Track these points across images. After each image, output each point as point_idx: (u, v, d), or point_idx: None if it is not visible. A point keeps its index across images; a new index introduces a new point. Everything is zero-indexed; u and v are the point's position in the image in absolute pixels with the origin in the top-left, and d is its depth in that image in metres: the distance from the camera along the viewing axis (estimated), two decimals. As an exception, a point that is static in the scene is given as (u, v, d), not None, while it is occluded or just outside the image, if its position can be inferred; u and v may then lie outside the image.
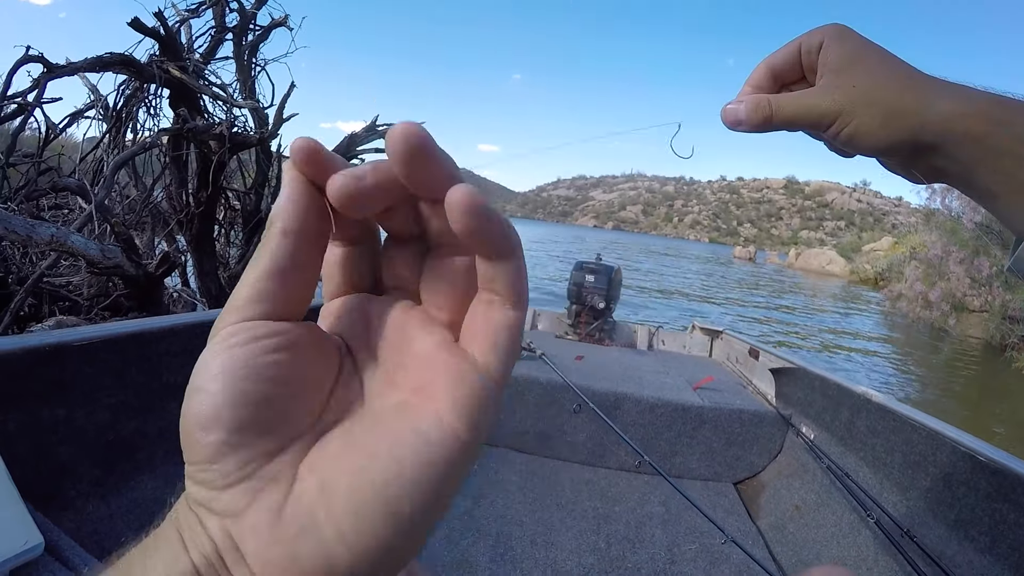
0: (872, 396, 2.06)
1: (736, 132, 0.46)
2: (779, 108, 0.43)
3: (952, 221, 14.91)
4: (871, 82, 0.40)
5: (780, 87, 0.47)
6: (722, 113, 0.46)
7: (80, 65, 3.25)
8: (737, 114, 0.45)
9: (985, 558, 1.41)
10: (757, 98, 0.44)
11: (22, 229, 2.39)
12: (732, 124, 0.46)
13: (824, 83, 0.42)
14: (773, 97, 0.44)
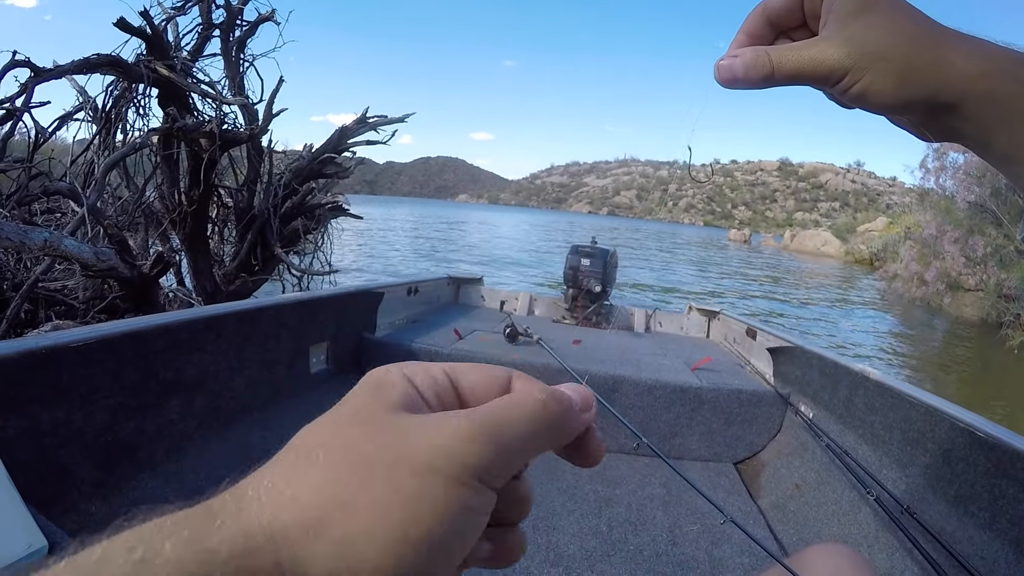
0: (870, 373, 2.06)
1: (733, 90, 0.41)
2: (780, 62, 0.38)
3: (946, 200, 14.90)
4: (884, 34, 0.36)
5: (778, 35, 0.43)
6: (716, 70, 0.41)
7: (67, 68, 3.23)
8: (733, 70, 0.40)
9: (985, 533, 1.42)
10: (755, 51, 0.39)
11: (15, 235, 2.38)
12: (728, 82, 0.40)
13: (830, 33, 0.38)
14: (773, 49, 0.39)
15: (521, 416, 0.24)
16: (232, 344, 1.90)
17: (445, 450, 0.22)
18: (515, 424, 0.24)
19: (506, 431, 0.23)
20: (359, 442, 0.23)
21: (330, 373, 2.53)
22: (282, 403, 2.18)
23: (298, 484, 0.22)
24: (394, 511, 0.21)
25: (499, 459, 0.23)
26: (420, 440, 0.22)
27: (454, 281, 4.19)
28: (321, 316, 2.45)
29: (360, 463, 0.22)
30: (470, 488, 0.22)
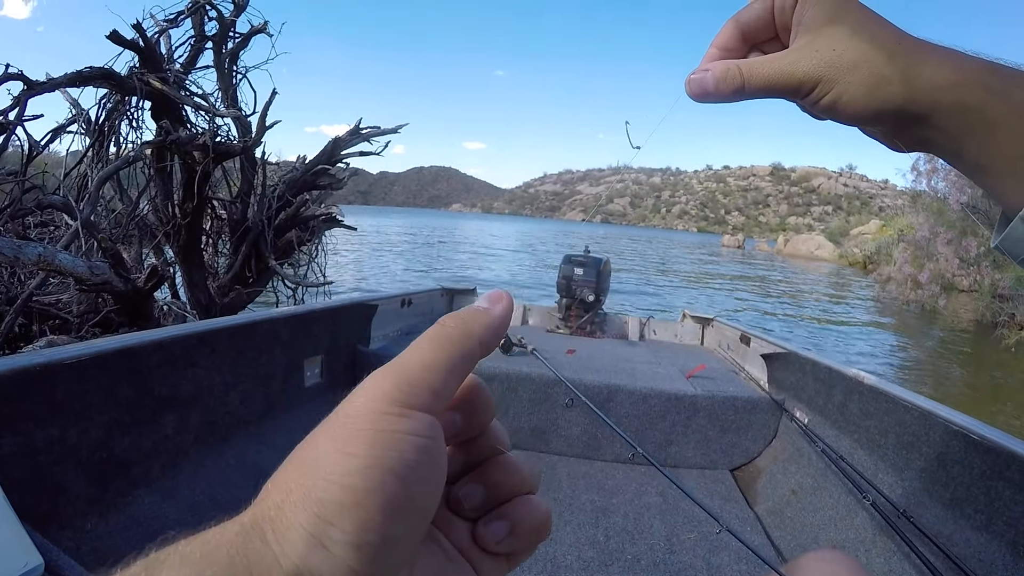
0: (864, 378, 2.07)
1: (704, 104, 0.42)
2: (751, 75, 0.39)
3: (938, 202, 14.93)
4: (853, 45, 0.36)
5: (750, 48, 0.43)
6: (687, 84, 0.41)
7: (60, 81, 3.23)
8: (704, 84, 0.40)
9: (982, 536, 1.42)
10: (725, 65, 0.40)
11: (9, 250, 2.38)
12: (699, 96, 0.41)
13: (800, 45, 0.38)
14: (744, 63, 0.39)
15: (418, 341, 0.27)
16: (226, 359, 1.90)
17: (364, 393, 0.25)
18: (414, 347, 0.27)
19: (408, 359, 0.26)
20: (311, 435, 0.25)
21: (325, 386, 2.52)
22: (277, 417, 2.18)
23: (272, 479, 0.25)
24: (345, 459, 0.23)
25: (409, 379, 0.25)
26: (346, 402, 0.25)
27: (447, 292, 4.19)
28: (315, 329, 2.45)
29: (307, 445, 0.25)
30: (393, 415, 0.24)
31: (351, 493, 0.22)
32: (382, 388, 0.25)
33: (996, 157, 0.36)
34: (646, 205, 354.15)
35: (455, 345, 0.27)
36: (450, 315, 0.28)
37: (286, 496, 0.23)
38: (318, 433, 0.25)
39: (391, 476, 0.23)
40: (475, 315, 0.29)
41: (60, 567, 0.85)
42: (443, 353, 0.26)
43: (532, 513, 0.30)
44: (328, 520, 0.22)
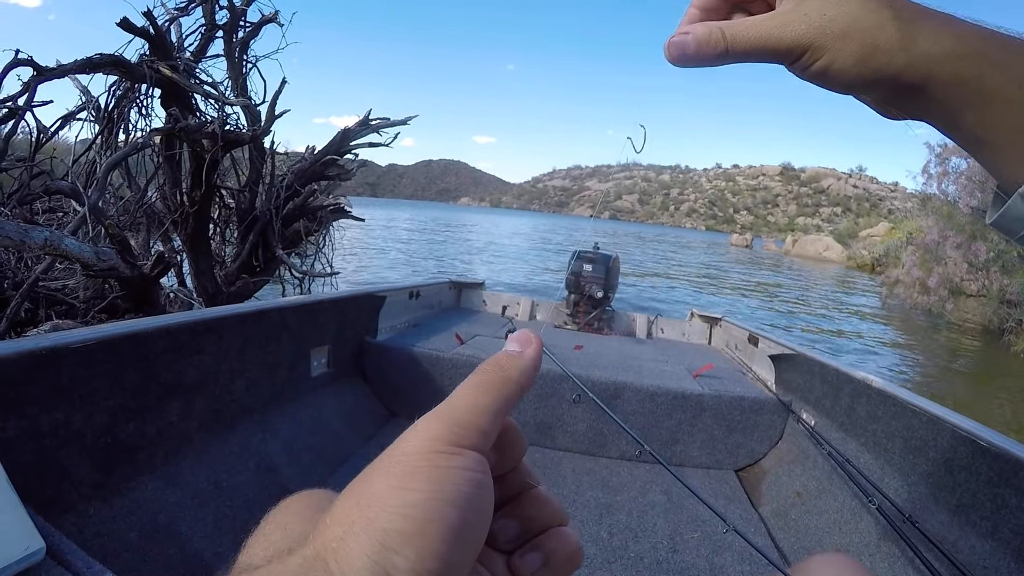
0: (872, 381, 2.06)
1: (684, 68, 0.39)
2: (735, 39, 0.37)
3: (948, 206, 14.84)
4: (844, 11, 0.34)
5: (732, 7, 0.41)
6: (667, 48, 0.39)
7: (70, 67, 3.23)
8: (684, 47, 0.38)
9: (987, 543, 1.41)
10: (707, 28, 0.37)
11: (16, 234, 2.38)
12: (678, 60, 0.38)
13: (788, 8, 0.36)
14: (727, 25, 0.37)
15: (464, 385, 0.30)
16: (233, 346, 1.90)
17: (416, 435, 0.27)
18: (462, 392, 0.29)
19: (456, 403, 0.29)
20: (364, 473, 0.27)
21: (331, 376, 2.52)
22: (283, 406, 2.18)
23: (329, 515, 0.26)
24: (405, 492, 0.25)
25: (458, 420, 0.28)
26: (400, 441, 0.27)
27: (456, 285, 4.19)
28: (322, 319, 2.45)
29: (364, 481, 0.26)
30: (447, 454, 0.26)
31: (413, 523, 0.24)
32: (435, 429, 0.27)
33: (994, 130, 0.34)
34: (655, 202, 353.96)
35: (498, 390, 0.29)
36: (489, 362, 0.31)
37: (348, 528, 0.24)
38: (372, 472, 0.26)
39: (450, 507, 0.25)
40: (512, 361, 0.31)
41: (62, 551, 0.85)
42: (487, 397, 0.29)
43: (565, 544, 0.32)
44: (392, 548, 0.23)
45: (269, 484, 1.85)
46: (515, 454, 0.33)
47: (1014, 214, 0.35)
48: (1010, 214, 0.36)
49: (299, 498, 0.75)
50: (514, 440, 0.33)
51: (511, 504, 0.32)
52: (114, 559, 1.29)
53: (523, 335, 0.33)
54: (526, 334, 0.33)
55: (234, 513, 1.66)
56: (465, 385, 0.30)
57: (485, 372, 0.30)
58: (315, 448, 2.18)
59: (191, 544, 1.48)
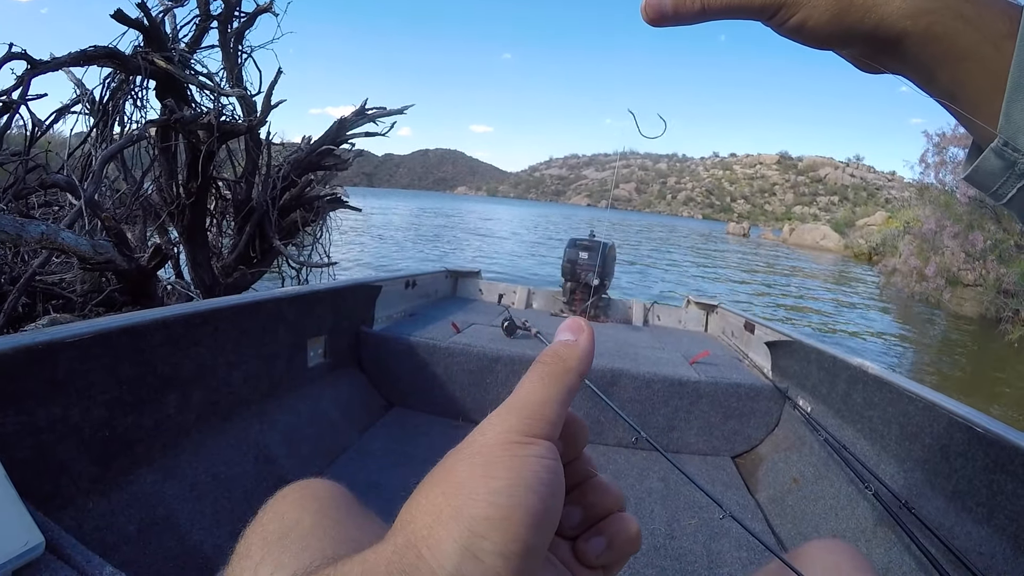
0: (868, 368, 2.06)
1: (661, 28, 0.39)
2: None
3: (946, 195, 14.83)
4: None
5: None
6: (643, 9, 0.38)
7: (64, 60, 3.22)
8: (662, 8, 0.37)
9: (983, 529, 1.42)
10: None
11: (12, 228, 2.37)
12: (657, 19, 0.38)
13: None
14: None
15: (530, 378, 0.31)
16: (229, 338, 1.90)
17: (493, 427, 0.28)
18: (529, 385, 0.30)
19: (525, 396, 0.30)
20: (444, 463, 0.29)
21: (328, 367, 2.52)
22: (280, 397, 2.18)
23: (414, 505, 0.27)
24: (488, 481, 0.26)
25: (530, 412, 0.29)
26: (477, 434, 0.29)
27: (452, 274, 4.18)
28: (319, 310, 2.45)
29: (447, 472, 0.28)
30: (523, 444, 0.27)
31: (498, 509, 0.25)
32: (510, 421, 0.28)
33: (968, 87, 0.34)
34: (652, 191, 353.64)
35: (562, 381, 0.30)
36: (549, 353, 0.32)
37: (436, 516, 0.25)
38: (454, 462, 0.28)
39: (530, 493, 0.26)
40: (570, 351, 0.32)
41: (61, 545, 0.85)
42: (553, 389, 0.30)
43: (626, 528, 0.33)
44: (480, 534, 0.24)
45: (267, 475, 1.86)
46: (578, 443, 0.34)
47: (987, 169, 0.35)
48: (983, 169, 0.36)
49: (296, 487, 0.75)
50: (577, 430, 0.34)
51: (575, 492, 0.33)
52: (113, 552, 1.29)
53: (574, 323, 0.34)
54: (577, 322, 0.34)
55: (232, 505, 1.67)
56: (531, 378, 0.31)
57: (548, 364, 0.31)
58: (313, 438, 2.19)
59: (190, 536, 1.49)
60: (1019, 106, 0.33)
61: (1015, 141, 0.33)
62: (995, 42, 0.33)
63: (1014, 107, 0.33)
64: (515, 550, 0.25)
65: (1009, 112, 0.33)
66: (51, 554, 0.83)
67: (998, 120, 0.34)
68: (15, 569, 0.78)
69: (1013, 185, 0.35)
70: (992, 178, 0.36)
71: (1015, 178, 0.35)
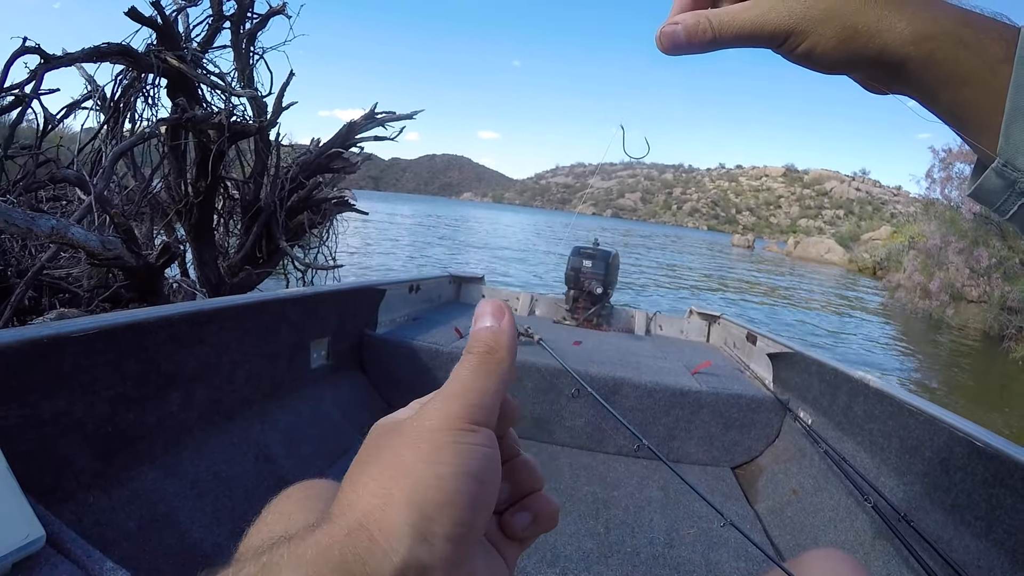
0: (870, 381, 2.06)
1: (677, 57, 0.42)
2: (722, 27, 0.39)
3: (951, 211, 14.81)
4: None
5: None
6: (658, 38, 0.41)
7: (77, 56, 3.24)
8: (676, 38, 0.40)
9: (982, 543, 1.42)
10: (695, 18, 0.39)
11: (22, 221, 2.38)
12: (670, 49, 0.41)
13: None
14: (713, 14, 0.39)
15: (467, 368, 0.32)
16: (233, 337, 1.91)
17: (436, 413, 0.30)
18: (467, 374, 0.32)
19: (465, 384, 0.31)
20: (383, 445, 0.30)
21: (330, 369, 2.53)
22: (282, 398, 2.19)
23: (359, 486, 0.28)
24: (436, 466, 0.27)
25: (474, 400, 0.30)
26: (419, 420, 0.30)
27: (455, 280, 4.19)
28: (322, 312, 2.46)
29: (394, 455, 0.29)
30: (467, 431, 0.29)
31: (446, 494, 0.27)
32: (452, 409, 0.30)
33: (968, 108, 0.36)
34: (657, 201, 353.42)
35: (497, 372, 0.32)
36: (478, 343, 0.33)
37: (387, 500, 0.26)
38: (400, 447, 0.29)
39: (473, 480, 0.28)
40: (498, 339, 0.33)
41: (62, 539, 0.86)
42: (491, 380, 0.32)
43: (548, 505, 0.36)
44: (431, 518, 0.26)
45: (268, 475, 1.86)
46: (509, 423, 0.36)
47: (989, 187, 0.37)
48: (985, 187, 0.37)
49: (300, 488, 0.76)
50: (509, 410, 0.35)
51: (504, 468, 0.34)
52: (113, 548, 1.29)
53: (493, 306, 0.35)
54: (497, 305, 0.35)
55: (233, 504, 1.67)
56: (468, 367, 0.32)
57: (482, 355, 0.32)
58: (314, 440, 2.19)
59: (190, 534, 1.49)
60: (1017, 128, 0.34)
61: (1014, 161, 0.35)
62: (992, 66, 0.34)
63: (1012, 129, 0.34)
64: (461, 533, 0.27)
65: (1008, 134, 0.34)
66: (51, 548, 0.84)
67: (998, 140, 0.35)
68: (15, 562, 0.78)
69: (1014, 203, 0.36)
70: (994, 196, 0.37)
71: (1016, 196, 0.36)
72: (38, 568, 0.80)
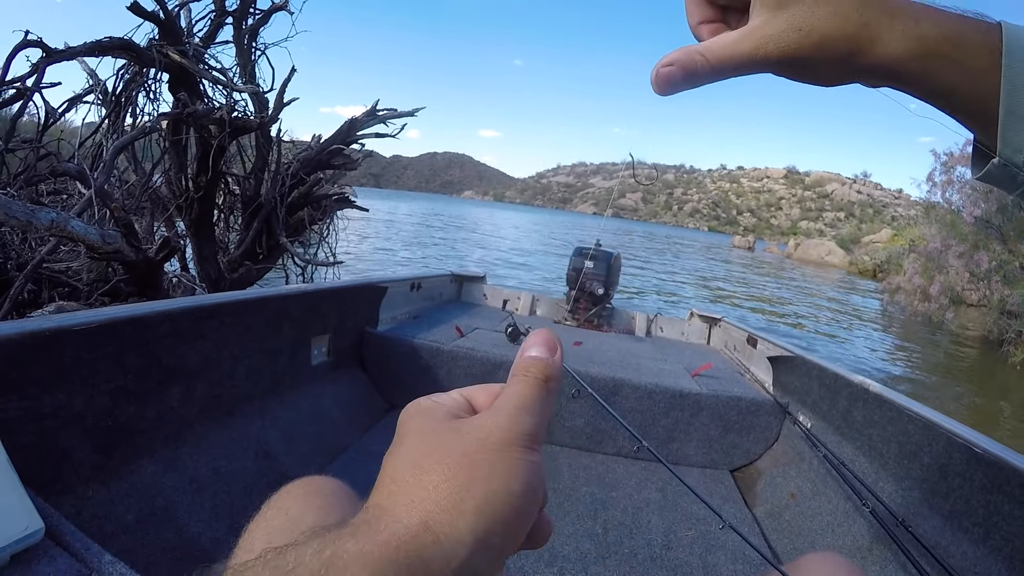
0: (869, 386, 2.06)
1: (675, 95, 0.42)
2: (718, 62, 0.39)
3: (952, 215, 14.82)
4: (816, 23, 0.36)
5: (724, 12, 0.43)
6: (655, 82, 0.40)
7: (79, 49, 3.23)
8: (672, 77, 0.40)
9: (979, 549, 1.42)
10: (688, 56, 0.39)
11: (22, 214, 2.38)
12: (668, 89, 0.40)
13: (761, 22, 0.38)
14: (706, 49, 0.39)
15: (529, 390, 0.33)
16: (234, 333, 1.91)
17: (502, 428, 0.30)
18: (530, 397, 0.32)
19: (526, 404, 0.32)
20: (445, 445, 0.30)
21: (331, 366, 2.53)
22: (282, 394, 2.19)
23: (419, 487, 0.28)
24: (510, 482, 0.28)
25: (537, 422, 0.31)
26: (489, 430, 0.30)
27: (457, 278, 4.19)
28: (323, 308, 2.45)
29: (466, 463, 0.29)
30: (533, 450, 0.30)
31: (515, 511, 0.28)
32: (525, 427, 0.31)
33: (961, 113, 0.38)
34: (658, 201, 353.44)
35: (549, 402, 0.33)
36: (536, 368, 0.34)
37: (457, 506, 0.27)
38: (474, 453, 0.29)
39: (535, 499, 0.29)
40: (551, 371, 0.34)
41: (61, 532, 0.86)
42: (546, 408, 0.33)
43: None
44: (494, 531, 0.27)
45: (267, 471, 1.86)
46: None
47: (992, 177, 0.39)
48: (989, 176, 0.39)
49: (300, 484, 0.76)
50: None
51: None
52: (111, 541, 1.29)
53: (547, 337, 0.36)
54: (549, 337, 0.36)
55: (232, 499, 1.67)
56: (529, 390, 0.33)
57: (540, 383, 0.33)
58: (314, 437, 2.19)
59: (188, 528, 1.49)
60: (1011, 131, 0.36)
61: (1013, 160, 0.36)
62: (978, 77, 0.36)
63: (1008, 131, 0.36)
64: (511, 549, 0.28)
65: (1005, 136, 0.36)
66: (50, 540, 0.84)
67: (995, 139, 0.37)
68: (14, 554, 0.78)
69: (1015, 189, 0.38)
70: (999, 182, 0.39)
71: (1017, 185, 0.38)
72: (37, 560, 0.80)
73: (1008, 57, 0.35)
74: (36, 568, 0.79)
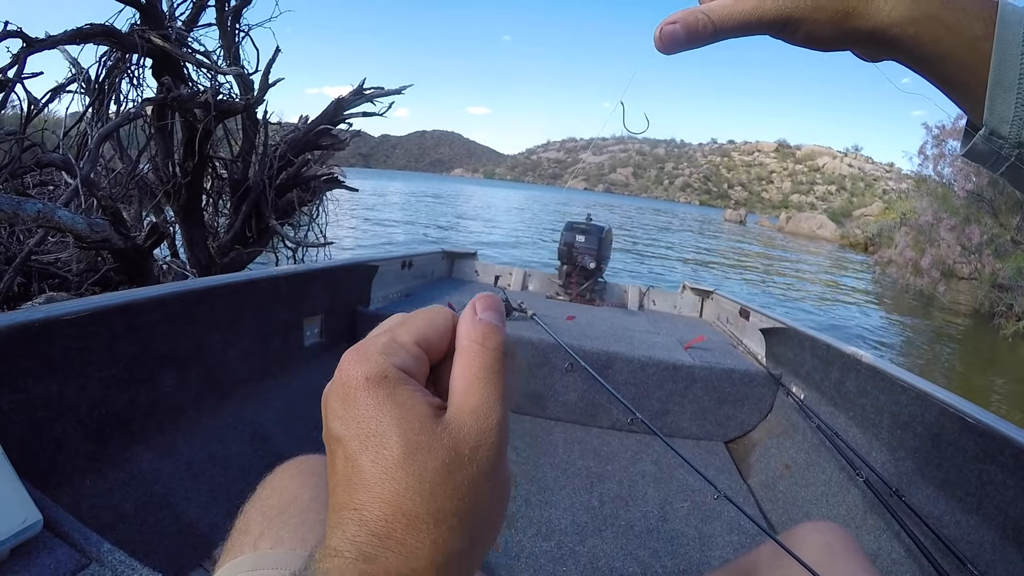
0: (862, 356, 2.07)
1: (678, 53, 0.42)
2: (722, 20, 0.40)
3: (943, 188, 14.85)
4: None
5: None
6: (658, 40, 0.41)
7: (60, 38, 3.18)
8: (675, 35, 0.40)
9: (972, 518, 1.43)
10: (692, 15, 0.40)
11: (8, 206, 2.36)
12: (672, 47, 0.41)
13: None
14: (709, 9, 0.40)
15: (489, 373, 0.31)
16: (226, 316, 1.90)
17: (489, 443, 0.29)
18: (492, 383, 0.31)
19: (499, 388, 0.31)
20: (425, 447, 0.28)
21: (324, 346, 2.53)
22: (276, 376, 2.19)
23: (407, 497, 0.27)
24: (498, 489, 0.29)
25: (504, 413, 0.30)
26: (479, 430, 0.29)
27: (448, 255, 4.19)
28: (315, 289, 2.45)
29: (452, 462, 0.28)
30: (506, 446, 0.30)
31: (498, 522, 0.30)
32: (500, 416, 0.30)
33: (952, 81, 0.38)
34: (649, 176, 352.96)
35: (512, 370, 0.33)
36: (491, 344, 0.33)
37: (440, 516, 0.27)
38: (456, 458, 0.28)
39: (504, 508, 0.31)
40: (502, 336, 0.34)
41: (59, 523, 0.86)
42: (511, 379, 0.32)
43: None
44: (477, 537, 0.28)
45: (263, 453, 1.87)
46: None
47: (978, 151, 0.40)
48: (975, 151, 0.40)
49: (294, 463, 0.76)
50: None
51: None
52: (110, 530, 1.30)
53: (492, 304, 0.37)
54: (495, 303, 0.37)
55: (228, 483, 1.67)
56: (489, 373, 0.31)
57: (499, 358, 0.32)
58: (309, 418, 2.19)
59: (186, 514, 1.50)
60: (999, 100, 0.36)
61: (999, 130, 0.37)
62: (971, 44, 0.36)
63: (995, 102, 0.36)
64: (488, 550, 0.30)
65: (991, 106, 0.37)
66: (49, 532, 0.84)
67: (982, 110, 0.37)
68: (14, 546, 0.79)
69: (1001, 165, 0.39)
70: (983, 158, 0.40)
71: (1001, 160, 0.39)
72: (36, 552, 0.80)
73: (1001, 26, 0.35)
74: (36, 560, 0.79)
